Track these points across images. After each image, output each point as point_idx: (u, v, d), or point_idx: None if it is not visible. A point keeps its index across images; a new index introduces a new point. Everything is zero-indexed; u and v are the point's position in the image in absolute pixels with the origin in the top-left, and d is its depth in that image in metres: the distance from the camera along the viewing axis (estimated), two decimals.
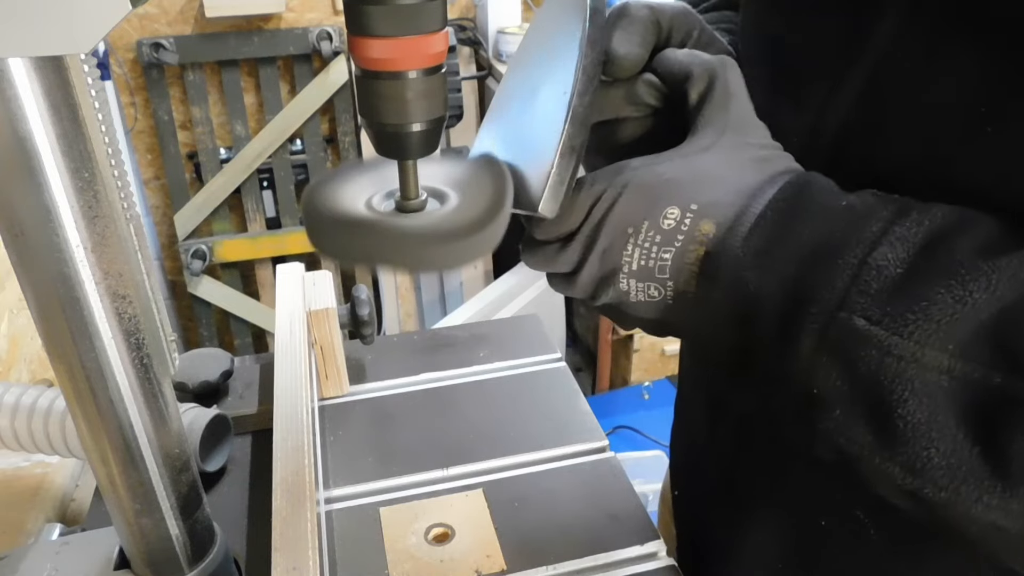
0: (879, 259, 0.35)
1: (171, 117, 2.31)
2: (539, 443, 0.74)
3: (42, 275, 0.42)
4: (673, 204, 0.40)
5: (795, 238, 0.37)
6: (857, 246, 0.35)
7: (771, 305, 0.37)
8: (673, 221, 0.40)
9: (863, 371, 0.35)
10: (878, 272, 0.35)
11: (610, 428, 2.04)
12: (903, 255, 0.35)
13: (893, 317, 0.34)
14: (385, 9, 0.35)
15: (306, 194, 0.41)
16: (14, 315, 1.04)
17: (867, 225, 0.36)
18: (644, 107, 0.46)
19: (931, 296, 0.33)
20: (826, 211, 0.38)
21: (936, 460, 0.34)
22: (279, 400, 0.65)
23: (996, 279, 0.33)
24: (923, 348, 0.33)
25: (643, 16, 0.45)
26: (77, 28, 0.32)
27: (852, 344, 0.35)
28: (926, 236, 0.35)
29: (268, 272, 2.51)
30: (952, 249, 0.34)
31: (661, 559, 0.63)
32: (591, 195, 0.42)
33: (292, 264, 0.84)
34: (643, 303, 0.43)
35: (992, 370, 0.32)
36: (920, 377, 0.33)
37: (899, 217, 0.36)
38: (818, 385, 0.36)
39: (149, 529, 0.52)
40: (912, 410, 0.34)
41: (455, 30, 2.34)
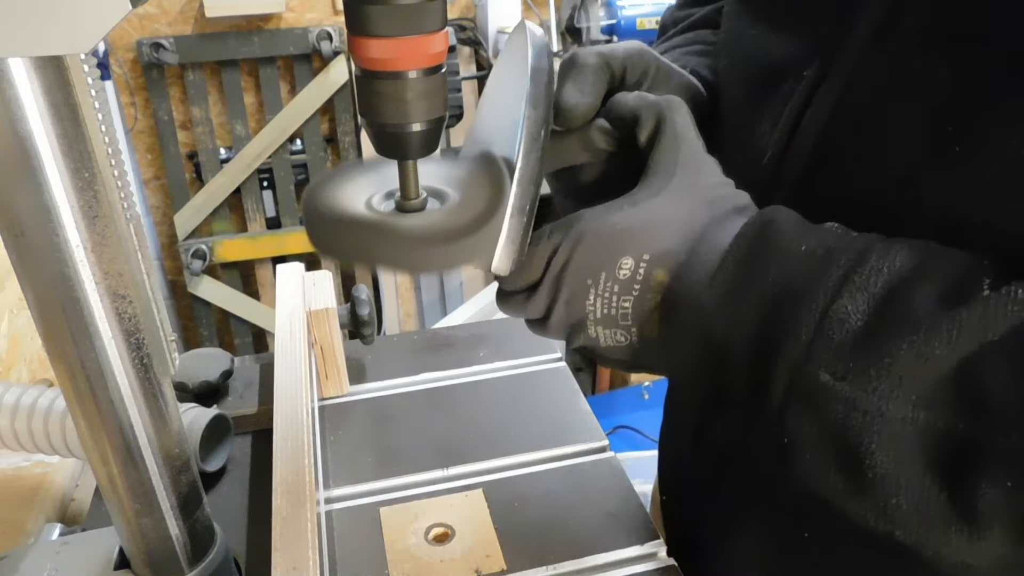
0: (840, 311, 0.35)
1: (171, 117, 2.31)
2: (539, 443, 0.74)
3: (42, 275, 0.42)
4: (626, 254, 0.41)
5: (758, 285, 0.38)
6: (819, 296, 0.36)
7: (739, 353, 0.38)
8: (628, 271, 0.41)
9: (830, 423, 0.35)
10: (839, 324, 0.35)
11: (610, 428, 2.04)
12: (863, 307, 0.35)
13: (856, 373, 0.34)
14: (385, 9, 0.35)
15: (306, 194, 0.41)
16: (14, 315, 1.04)
17: (827, 272, 0.36)
18: (601, 152, 0.47)
19: (893, 352, 0.34)
20: (787, 255, 0.38)
21: (905, 506, 0.35)
22: (279, 400, 0.65)
23: (956, 334, 0.33)
24: (887, 402, 0.34)
25: (592, 64, 0.46)
26: (77, 28, 0.32)
27: (818, 398, 0.36)
28: (885, 286, 0.35)
29: (268, 272, 2.51)
30: (911, 301, 0.34)
31: (661, 559, 0.63)
32: (548, 248, 0.43)
33: (292, 264, 0.84)
34: (613, 347, 0.44)
35: (955, 418, 0.33)
36: (886, 429, 0.34)
37: (859, 264, 0.36)
38: (788, 432, 0.37)
39: (149, 529, 0.52)
40: (880, 460, 0.34)
41: (455, 30, 2.34)
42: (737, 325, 0.38)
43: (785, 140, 0.46)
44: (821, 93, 0.43)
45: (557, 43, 2.23)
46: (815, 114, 0.44)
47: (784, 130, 0.46)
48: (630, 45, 0.49)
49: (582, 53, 0.47)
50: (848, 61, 0.42)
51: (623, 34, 1.92)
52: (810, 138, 0.44)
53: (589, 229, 0.42)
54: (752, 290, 0.38)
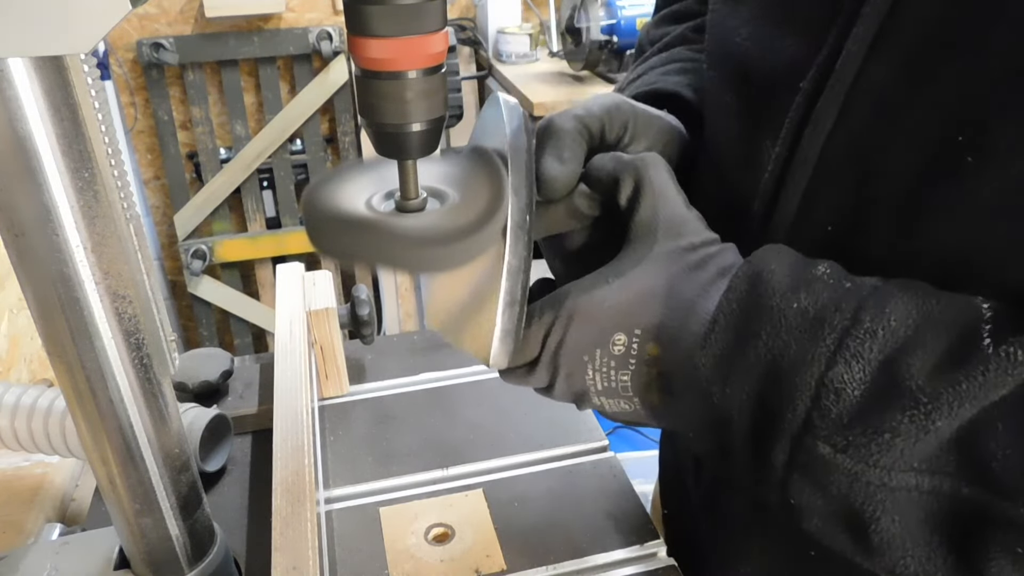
0: (836, 381, 0.35)
1: (171, 117, 2.31)
2: (539, 443, 0.74)
3: (42, 275, 0.42)
4: (619, 331, 0.41)
5: (752, 349, 0.38)
6: (813, 364, 0.35)
7: (739, 422, 0.38)
8: (622, 347, 0.42)
9: (834, 492, 0.35)
10: (836, 395, 0.35)
11: (610, 428, 2.03)
12: (860, 375, 0.35)
13: (856, 447, 0.34)
14: (385, 9, 0.35)
15: (306, 194, 0.41)
16: (14, 315, 1.04)
17: (820, 338, 0.36)
18: (586, 217, 0.47)
19: (893, 427, 0.33)
20: (778, 316, 0.37)
21: (913, 567, 0.35)
22: (279, 400, 0.65)
23: (957, 404, 0.33)
24: (889, 473, 0.34)
25: (570, 129, 0.46)
26: (77, 28, 0.32)
27: (819, 469, 0.35)
28: (880, 353, 0.35)
29: (268, 272, 2.51)
30: (910, 368, 0.34)
31: (661, 559, 0.63)
32: (541, 328, 0.43)
33: (292, 264, 0.84)
34: (620, 413, 0.44)
35: (960, 483, 0.33)
36: (890, 498, 0.34)
37: (852, 327, 0.35)
38: (793, 497, 0.37)
39: (149, 529, 0.52)
40: (885, 526, 0.35)
41: (455, 30, 2.34)
42: (733, 394, 0.38)
43: (786, 156, 0.45)
44: (821, 107, 0.42)
45: (557, 43, 2.23)
46: (816, 128, 0.43)
47: (784, 145, 0.45)
48: (606, 101, 0.48)
49: (558, 120, 0.46)
50: (847, 72, 0.40)
51: (623, 34, 1.92)
52: (813, 152, 0.43)
53: (579, 307, 0.42)
54: (745, 355, 0.38)
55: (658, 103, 0.53)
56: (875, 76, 0.39)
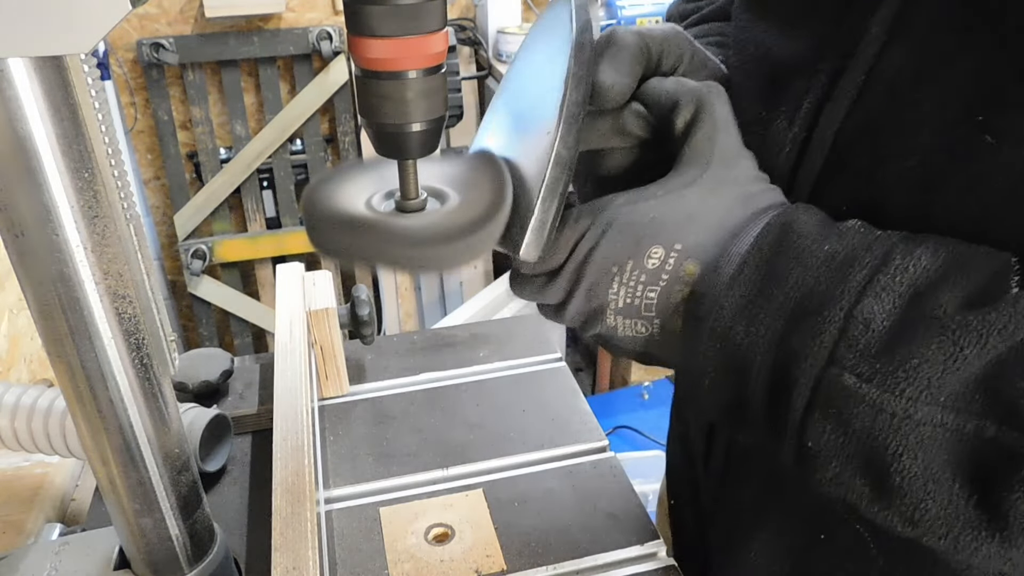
0: (865, 312, 0.35)
1: (171, 117, 2.31)
2: (539, 443, 0.74)
3: (42, 275, 0.42)
4: (657, 244, 0.40)
5: (779, 289, 0.37)
6: (842, 298, 0.35)
7: (760, 360, 0.38)
8: (657, 260, 0.40)
9: (856, 427, 0.35)
10: (865, 326, 0.34)
11: (610, 428, 2.04)
12: (889, 307, 0.34)
13: (884, 375, 0.34)
14: (385, 9, 0.35)
15: (306, 194, 0.41)
16: (14, 315, 1.04)
17: (851, 274, 0.35)
18: (632, 137, 0.46)
19: (921, 353, 0.33)
20: (808, 258, 0.37)
21: (934, 511, 0.34)
22: (279, 400, 0.65)
23: (986, 335, 0.32)
24: (915, 404, 0.33)
25: (630, 44, 0.45)
26: (77, 28, 0.32)
27: (843, 402, 0.35)
28: (911, 286, 0.35)
29: (268, 272, 2.51)
30: (940, 302, 0.34)
31: (661, 559, 0.63)
32: (575, 232, 0.42)
33: (292, 264, 0.84)
34: (631, 338, 0.43)
35: (985, 421, 0.32)
36: (914, 432, 0.33)
37: (883, 265, 0.35)
38: (811, 440, 0.37)
39: (149, 529, 0.52)
40: (907, 464, 0.34)
41: (455, 30, 2.34)
42: (757, 332, 0.37)
43: (803, 137, 0.45)
44: (839, 89, 0.42)
45: None
46: (833, 110, 0.43)
47: (802, 127, 0.45)
48: (667, 28, 0.47)
49: (620, 32, 0.45)
50: (866, 55, 0.41)
51: None
52: (829, 134, 0.43)
53: (620, 215, 0.41)
54: (772, 296, 0.37)
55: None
56: (894, 59, 0.40)
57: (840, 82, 0.42)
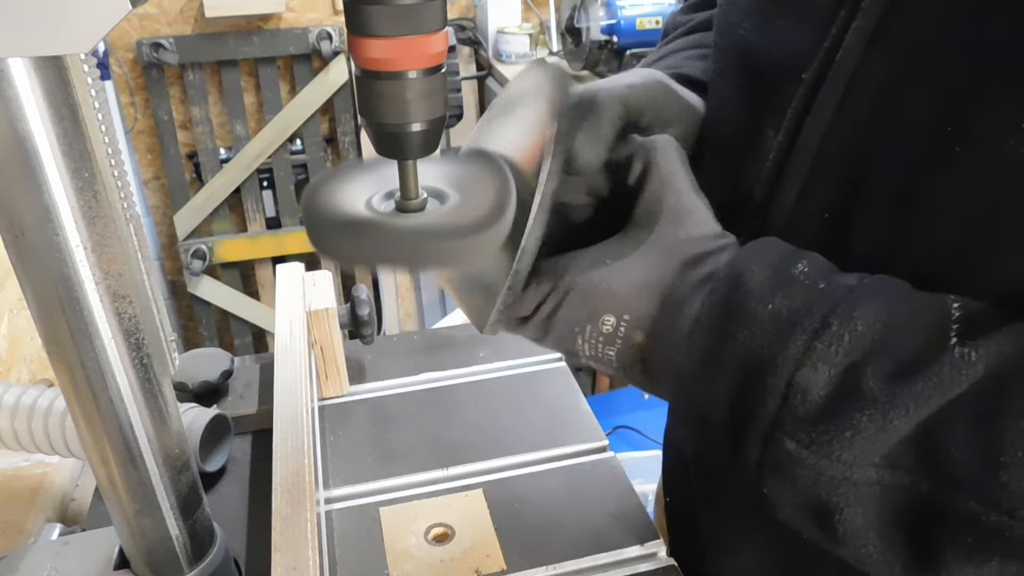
0: (803, 382, 0.37)
1: (171, 117, 2.31)
2: (539, 443, 0.74)
3: (42, 275, 0.42)
4: (609, 313, 0.43)
5: (729, 353, 0.39)
6: (784, 366, 0.37)
7: (716, 419, 0.40)
8: (611, 327, 0.43)
9: (801, 486, 0.37)
10: (803, 396, 0.37)
11: (610, 428, 2.03)
12: (824, 377, 0.36)
13: (820, 444, 0.36)
14: (385, 9, 0.35)
15: (306, 194, 0.41)
16: (14, 315, 1.04)
17: (791, 340, 0.37)
18: (597, 194, 0.48)
19: (855, 425, 0.35)
20: (754, 320, 0.39)
21: (876, 556, 0.37)
22: (279, 400, 0.65)
23: (913, 405, 0.34)
24: (851, 468, 0.36)
25: (609, 114, 0.46)
26: (77, 28, 0.32)
27: (788, 463, 0.37)
28: (847, 355, 0.36)
29: (268, 272, 2.51)
30: (871, 375, 0.35)
31: (661, 559, 0.63)
32: (537, 295, 0.44)
33: (292, 264, 0.84)
34: (611, 374, 0.46)
35: (918, 476, 0.35)
36: (853, 491, 0.36)
37: (822, 330, 0.37)
38: (766, 488, 0.40)
39: (149, 529, 0.52)
40: (849, 517, 0.37)
41: (455, 30, 2.34)
42: (711, 393, 0.40)
43: (788, 143, 0.45)
44: (821, 97, 0.43)
45: (557, 43, 2.23)
46: (817, 118, 0.43)
47: (786, 135, 0.45)
48: (648, 81, 0.49)
49: (602, 99, 0.46)
50: (846, 63, 0.41)
51: (623, 34, 1.92)
52: (814, 142, 0.44)
53: (575, 285, 0.43)
54: (723, 358, 0.39)
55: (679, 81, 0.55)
56: (874, 68, 0.40)
57: (822, 91, 0.43)
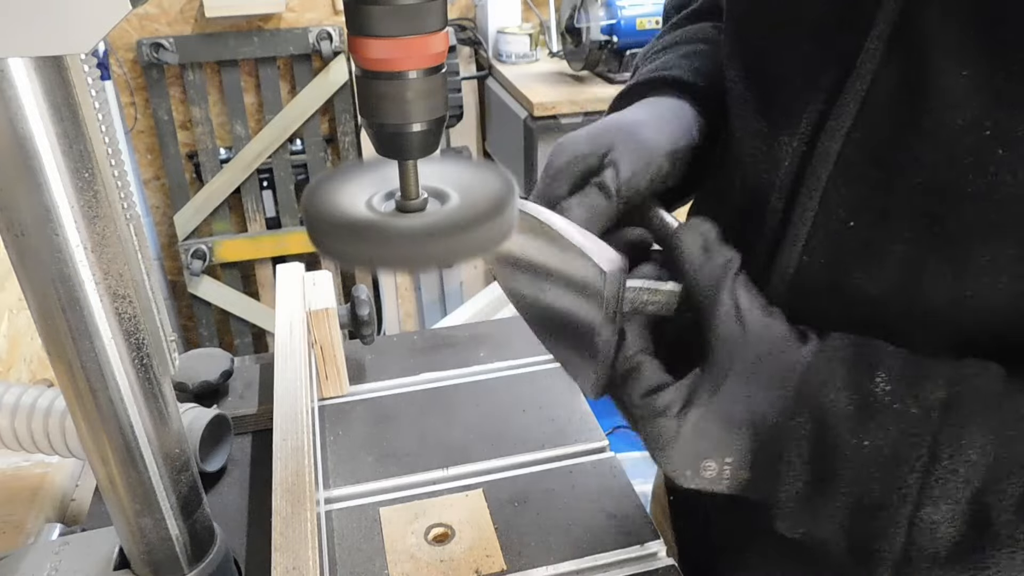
0: (927, 521, 0.37)
1: (171, 117, 2.31)
2: (539, 443, 0.74)
3: (42, 275, 0.42)
4: (709, 459, 0.43)
5: (834, 491, 0.39)
6: (902, 505, 0.37)
7: (835, 546, 0.40)
8: (714, 472, 0.43)
9: None
10: (930, 534, 0.37)
11: (610, 428, 2.03)
12: (949, 515, 0.36)
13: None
14: (385, 9, 0.35)
15: (306, 194, 0.41)
16: (14, 315, 1.04)
17: (901, 477, 0.37)
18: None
19: (995, 562, 0.36)
20: (854, 458, 0.38)
21: None
22: (279, 400, 0.65)
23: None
24: None
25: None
26: (77, 28, 0.32)
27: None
28: (966, 489, 0.36)
29: (268, 272, 2.50)
30: (1001, 506, 0.35)
31: (661, 559, 0.63)
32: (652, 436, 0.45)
33: (292, 264, 0.84)
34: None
35: None
36: None
37: (933, 465, 0.36)
38: None
39: (149, 529, 0.52)
40: None
41: (455, 30, 2.34)
42: (823, 526, 0.40)
43: (804, 150, 0.45)
44: (840, 104, 0.43)
45: (557, 43, 2.23)
46: (836, 125, 0.43)
47: (803, 141, 0.45)
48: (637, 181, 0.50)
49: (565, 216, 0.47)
50: (865, 70, 0.41)
51: (623, 34, 1.92)
52: (834, 149, 0.43)
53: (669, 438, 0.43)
54: (829, 497, 0.39)
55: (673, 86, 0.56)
56: (893, 73, 0.40)
57: (841, 98, 0.42)
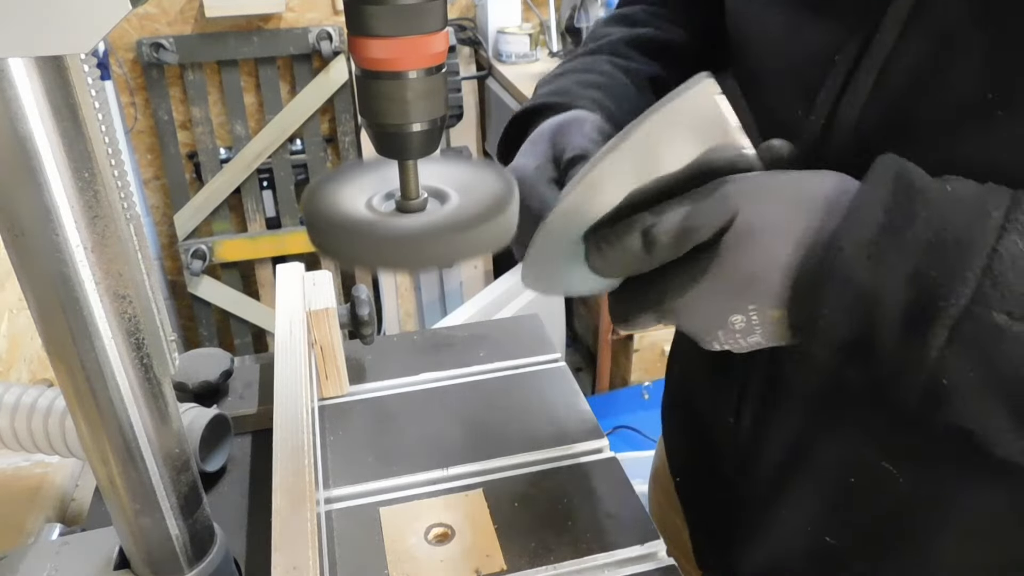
0: (1011, 249, 0.34)
1: (171, 117, 2.31)
2: (539, 443, 0.74)
3: (42, 275, 0.42)
4: (735, 313, 0.40)
5: (909, 230, 0.36)
6: (982, 236, 0.34)
7: (890, 300, 0.36)
8: (743, 323, 0.40)
9: (1003, 365, 0.34)
10: (1012, 264, 0.34)
11: (610, 428, 2.04)
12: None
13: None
14: (385, 9, 0.35)
15: (306, 194, 0.41)
16: (14, 315, 1.04)
17: (985, 213, 0.35)
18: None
19: None
20: (935, 198, 0.36)
21: None
22: (279, 400, 0.65)
23: None
24: None
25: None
26: (77, 28, 0.32)
27: (991, 340, 0.34)
28: None
29: (268, 272, 2.51)
30: None
31: (661, 559, 0.63)
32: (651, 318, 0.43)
33: (292, 264, 0.84)
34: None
35: None
36: None
37: (1015, 204, 0.35)
38: (949, 378, 0.36)
39: (149, 529, 0.52)
40: None
41: (455, 30, 2.34)
42: (884, 275, 0.36)
43: (822, 124, 0.46)
44: (858, 78, 0.44)
45: (557, 43, 2.23)
46: (853, 99, 0.44)
47: (820, 115, 0.46)
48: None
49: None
50: (883, 45, 0.42)
51: None
52: (851, 122, 0.44)
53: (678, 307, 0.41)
54: (900, 236, 0.36)
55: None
56: (911, 48, 0.41)
57: (858, 72, 0.44)
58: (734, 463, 0.63)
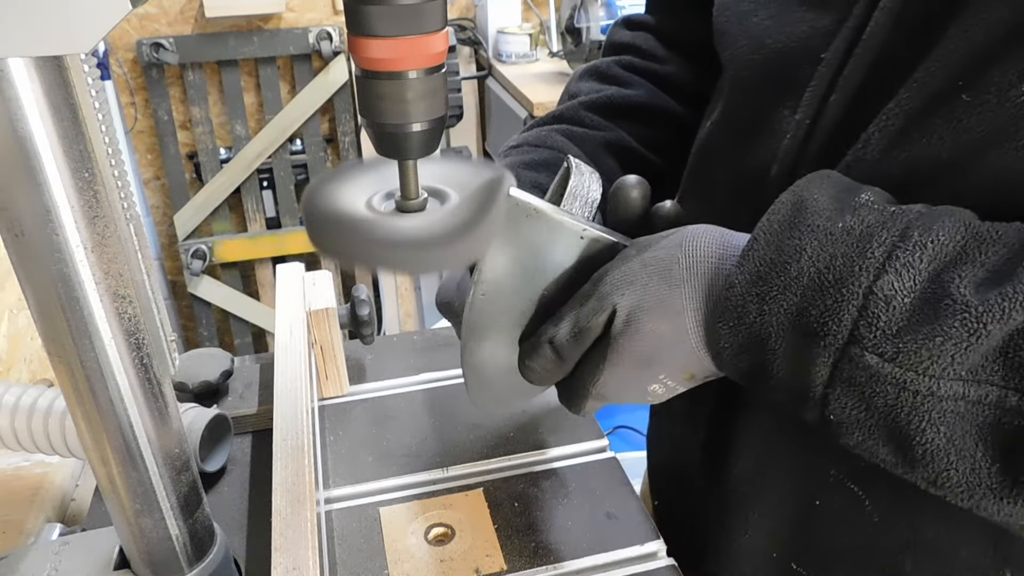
0: (886, 289, 0.34)
1: (171, 117, 2.31)
2: (539, 443, 0.74)
3: (42, 275, 0.42)
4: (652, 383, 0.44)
5: (794, 265, 0.37)
6: (861, 274, 0.35)
7: (777, 338, 0.37)
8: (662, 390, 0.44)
9: (879, 404, 0.35)
10: (886, 304, 0.34)
11: (610, 428, 2.04)
12: (909, 284, 0.34)
13: (906, 354, 0.34)
14: (385, 9, 0.35)
15: (307, 194, 0.41)
16: (14, 315, 1.04)
17: (869, 250, 0.35)
18: None
19: (944, 332, 0.33)
20: (823, 233, 0.37)
21: (956, 478, 0.35)
22: (279, 400, 0.65)
23: (1008, 310, 0.32)
24: (938, 382, 0.33)
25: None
26: (77, 28, 0.32)
27: (865, 380, 0.35)
28: (931, 262, 0.34)
29: (268, 272, 2.50)
30: (961, 281, 0.34)
31: (661, 559, 0.63)
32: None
33: (292, 264, 0.84)
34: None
35: (1006, 391, 0.33)
36: (937, 408, 0.34)
37: (902, 241, 0.35)
38: (833, 413, 0.37)
39: (149, 529, 0.52)
40: (931, 437, 0.34)
41: (455, 30, 2.34)
42: (771, 311, 0.37)
43: (808, 123, 0.46)
44: (846, 74, 0.44)
45: (557, 43, 2.23)
46: (842, 95, 0.44)
47: (806, 113, 0.46)
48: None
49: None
50: (872, 43, 0.42)
51: None
52: (836, 118, 0.44)
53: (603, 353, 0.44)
54: (786, 272, 0.37)
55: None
56: (900, 47, 0.41)
57: (846, 70, 0.44)
58: (704, 479, 0.62)
